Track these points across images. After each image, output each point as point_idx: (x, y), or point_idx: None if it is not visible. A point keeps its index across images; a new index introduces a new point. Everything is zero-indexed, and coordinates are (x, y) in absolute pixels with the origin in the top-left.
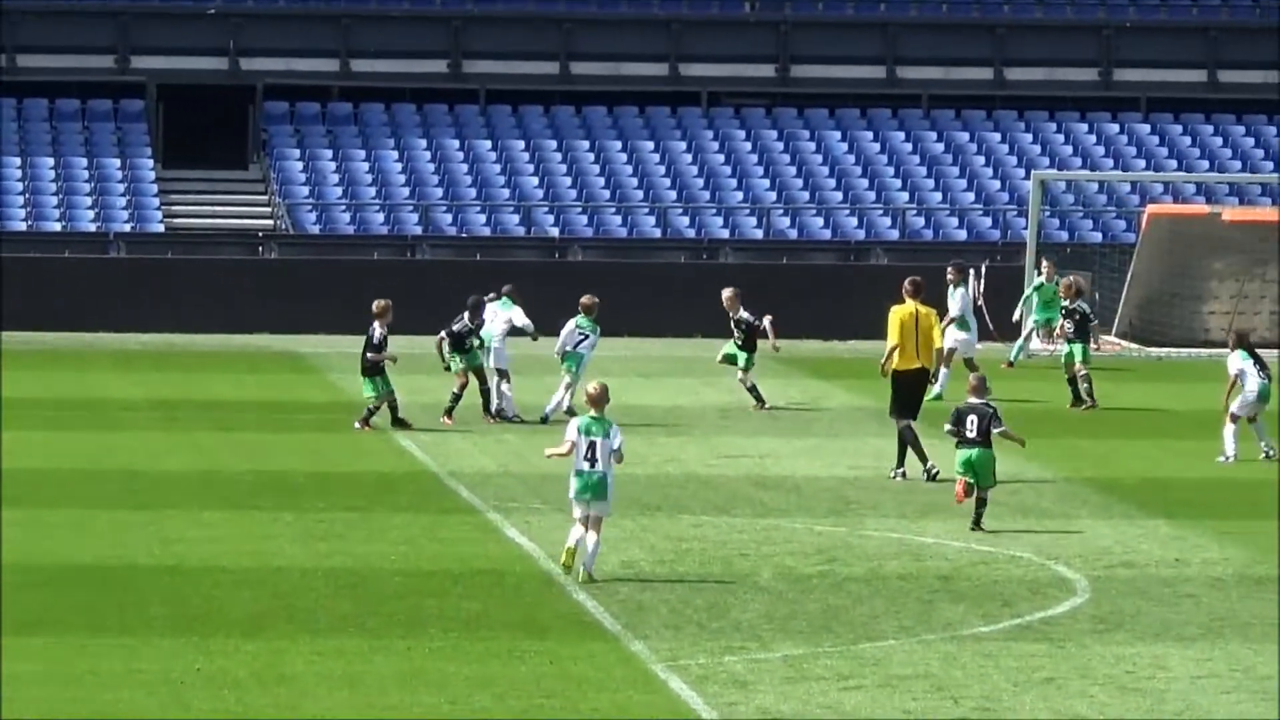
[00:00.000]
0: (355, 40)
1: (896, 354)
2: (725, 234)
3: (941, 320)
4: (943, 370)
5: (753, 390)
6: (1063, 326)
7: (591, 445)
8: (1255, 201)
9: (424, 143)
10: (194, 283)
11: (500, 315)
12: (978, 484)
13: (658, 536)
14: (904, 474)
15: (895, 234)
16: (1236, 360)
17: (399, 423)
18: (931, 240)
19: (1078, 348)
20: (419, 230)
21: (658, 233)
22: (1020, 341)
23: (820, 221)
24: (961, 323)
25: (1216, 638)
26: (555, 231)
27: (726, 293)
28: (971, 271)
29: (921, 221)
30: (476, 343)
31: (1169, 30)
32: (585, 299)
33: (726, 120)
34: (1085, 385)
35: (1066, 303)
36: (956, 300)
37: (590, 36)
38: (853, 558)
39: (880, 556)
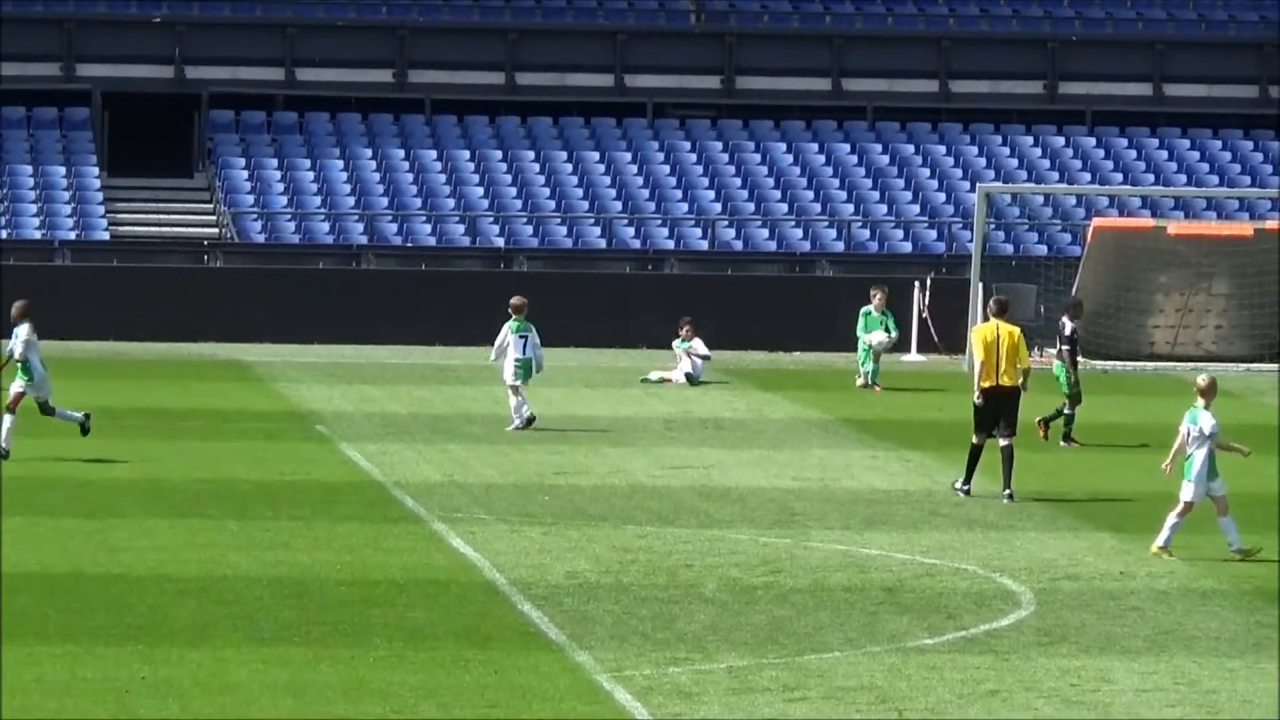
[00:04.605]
0: (300, 49)
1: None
2: (670, 245)
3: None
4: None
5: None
6: None
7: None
8: (1200, 215)
9: (369, 152)
10: (139, 291)
11: None
12: None
13: (603, 547)
14: (967, 490)
15: (840, 246)
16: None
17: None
18: (876, 252)
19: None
20: (364, 240)
21: (603, 243)
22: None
23: (765, 233)
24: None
25: (1161, 651)
26: (500, 242)
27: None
28: (917, 284)
29: (867, 233)
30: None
31: (1114, 44)
32: (515, 299)
33: (671, 131)
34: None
35: None
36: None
37: (536, 47)
38: (798, 569)
39: (825, 568)
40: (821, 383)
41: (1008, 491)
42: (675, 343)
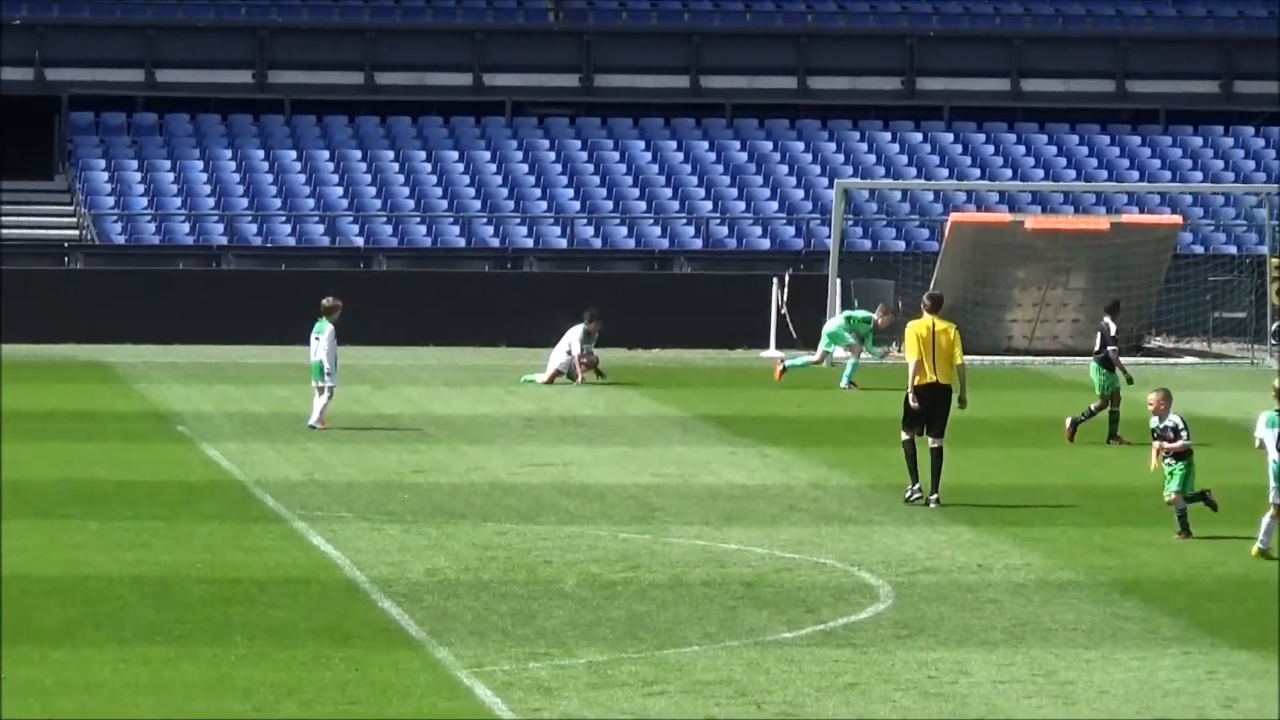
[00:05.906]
0: (160, 51)
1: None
2: (529, 243)
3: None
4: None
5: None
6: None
7: None
8: (1057, 210)
9: (229, 153)
10: None
11: None
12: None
13: (462, 544)
14: (919, 493)
15: (699, 243)
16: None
17: None
18: (735, 249)
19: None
20: (224, 240)
21: (462, 242)
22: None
23: (624, 231)
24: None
25: (1018, 643)
26: (360, 241)
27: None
28: (775, 280)
29: (725, 230)
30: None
31: (971, 39)
32: (325, 300)
33: (530, 130)
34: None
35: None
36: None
37: (395, 46)
38: (657, 564)
39: (684, 563)
40: (681, 379)
41: (935, 496)
42: (577, 329)
